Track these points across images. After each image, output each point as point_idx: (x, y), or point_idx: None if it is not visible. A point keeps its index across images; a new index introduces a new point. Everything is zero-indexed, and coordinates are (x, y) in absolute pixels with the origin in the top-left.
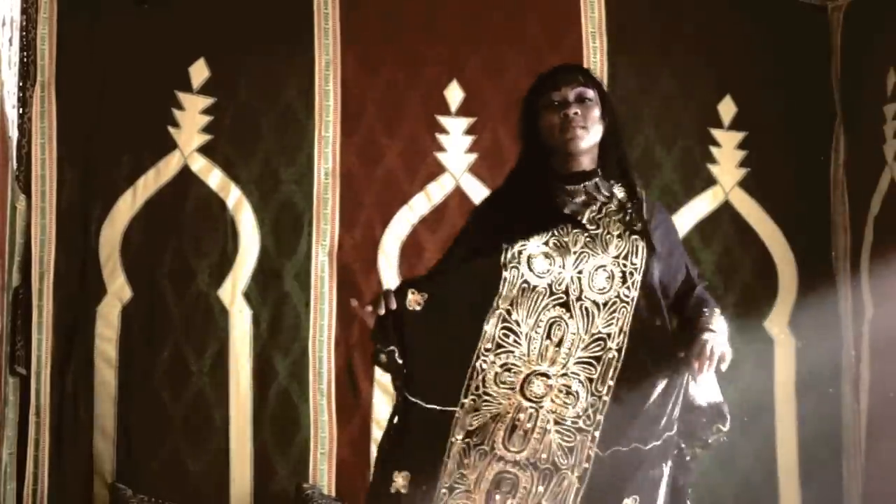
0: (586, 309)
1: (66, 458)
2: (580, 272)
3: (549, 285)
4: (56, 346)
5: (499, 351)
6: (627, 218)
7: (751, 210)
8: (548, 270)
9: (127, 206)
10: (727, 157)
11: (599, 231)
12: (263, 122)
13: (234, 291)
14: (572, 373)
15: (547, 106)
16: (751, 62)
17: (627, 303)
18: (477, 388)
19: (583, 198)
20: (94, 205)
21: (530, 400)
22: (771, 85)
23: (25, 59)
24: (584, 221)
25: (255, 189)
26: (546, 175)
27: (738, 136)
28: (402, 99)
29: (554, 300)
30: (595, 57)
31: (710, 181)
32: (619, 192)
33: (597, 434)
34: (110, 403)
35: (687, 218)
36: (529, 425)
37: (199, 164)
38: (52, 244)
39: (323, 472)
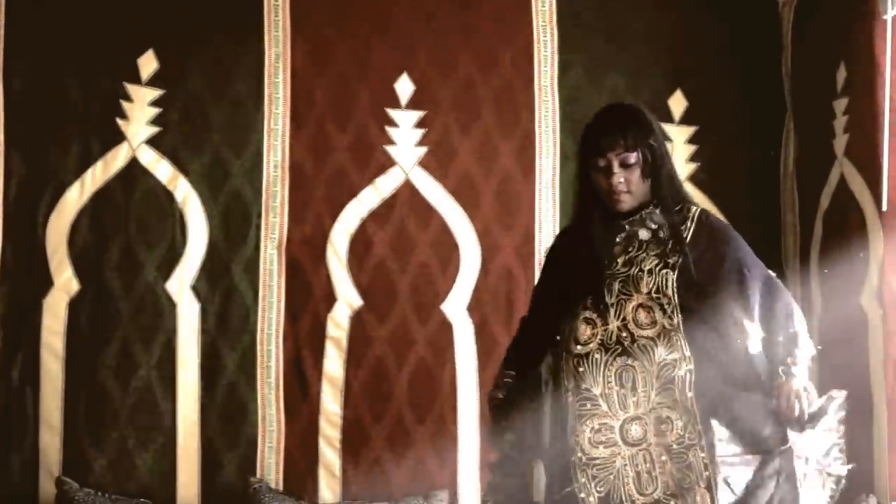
0: (644, 346)
1: (11, 452)
2: (624, 319)
3: (602, 343)
4: (3, 339)
5: (583, 420)
6: (664, 249)
7: (701, 204)
8: (593, 334)
9: (74, 199)
10: (677, 151)
11: (632, 271)
12: (212, 115)
13: (182, 284)
14: (658, 404)
15: (594, 168)
16: (702, 56)
17: (674, 329)
18: (580, 460)
19: (624, 234)
20: (42, 197)
21: (635, 445)
22: (722, 79)
23: None
24: (620, 264)
25: (204, 182)
26: (590, 232)
27: (689, 130)
28: (352, 92)
29: (612, 354)
30: (546, 51)
31: None
32: (667, 224)
33: (703, 443)
34: (57, 396)
35: None
36: (648, 465)
37: (148, 157)
38: None
39: (271, 465)
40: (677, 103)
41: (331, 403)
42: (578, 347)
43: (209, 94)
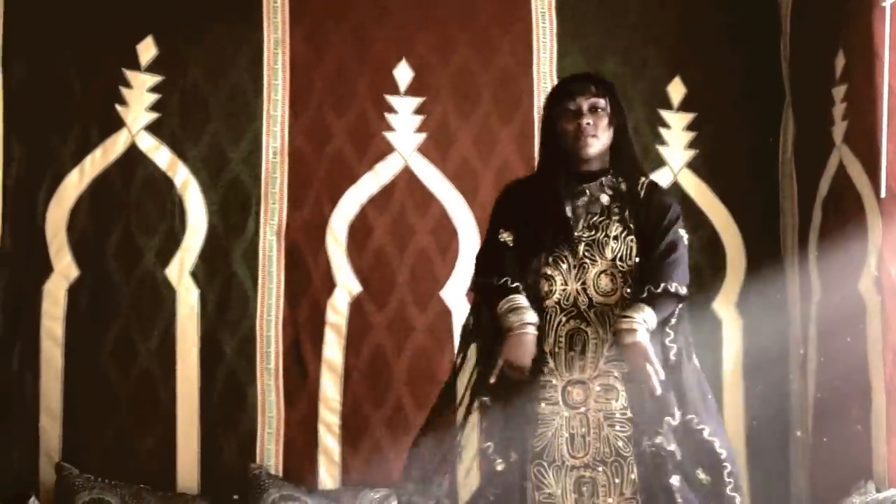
0: (600, 312)
1: (11, 437)
2: (584, 283)
3: (558, 302)
4: (2, 325)
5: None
6: (624, 216)
7: (699, 191)
8: (550, 290)
9: (74, 185)
10: (676, 138)
11: (598, 235)
12: (211, 101)
13: (181, 270)
14: (605, 371)
15: (563, 114)
16: (701, 43)
17: (630, 300)
18: (529, 412)
19: (585, 198)
20: (41, 183)
21: (574, 407)
22: (721, 66)
23: None
24: (583, 227)
25: (203, 168)
26: (555, 185)
27: (688, 117)
28: (351, 78)
29: (567, 315)
30: (544, 38)
31: (659, 162)
32: (623, 192)
33: (639, 420)
34: (56, 382)
35: None
36: (583, 429)
37: (147, 143)
38: None
39: (270, 451)
40: (676, 90)
41: (330, 390)
42: (536, 301)
43: (208, 80)
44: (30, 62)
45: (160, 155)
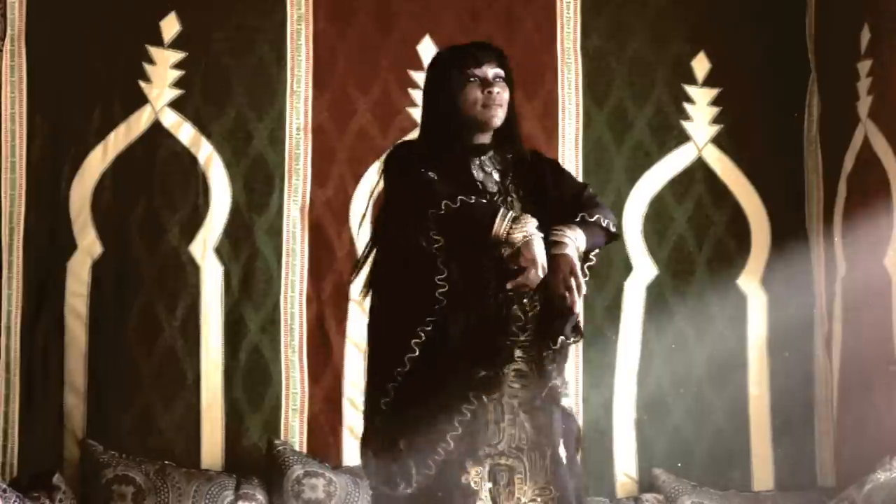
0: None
1: (36, 415)
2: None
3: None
4: (26, 302)
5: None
6: (521, 193)
7: (724, 167)
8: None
9: (98, 161)
10: (701, 113)
11: (513, 199)
12: (235, 77)
13: (205, 247)
14: (518, 357)
15: (468, 80)
16: (725, 18)
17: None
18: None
19: (482, 174)
20: (65, 160)
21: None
22: (745, 41)
23: None
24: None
25: (227, 144)
26: (466, 153)
27: (712, 92)
28: (375, 54)
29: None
30: (568, 13)
31: (684, 138)
32: (510, 167)
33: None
34: (81, 359)
35: (660, 175)
36: (496, 416)
37: (171, 120)
38: (22, 199)
39: (294, 428)
40: (700, 65)
41: (354, 366)
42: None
43: (232, 56)
44: (53, 39)
45: (184, 131)
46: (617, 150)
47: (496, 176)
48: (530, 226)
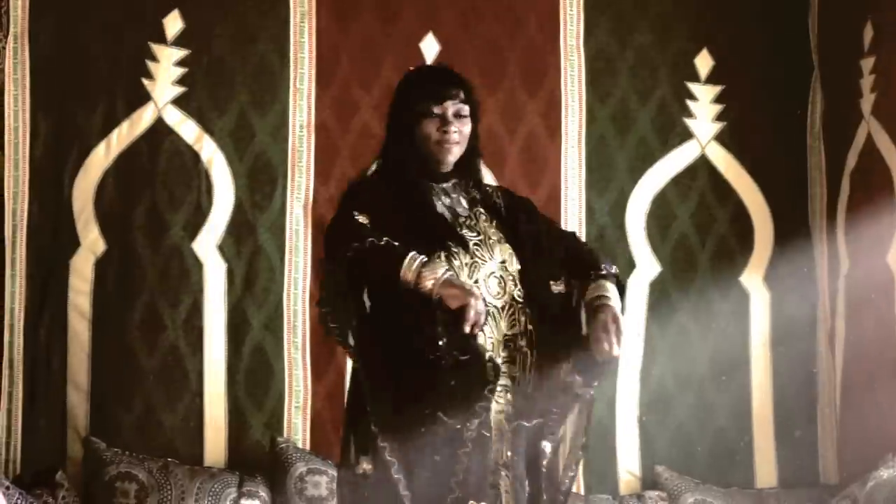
0: (492, 315)
1: (39, 412)
2: (476, 282)
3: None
4: (29, 299)
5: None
6: (495, 221)
7: (727, 164)
8: (500, 290)
9: (100, 159)
10: (704, 110)
11: (482, 237)
12: (238, 75)
13: (208, 244)
14: (503, 372)
15: (427, 115)
16: (728, 15)
17: (522, 303)
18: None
19: (448, 200)
20: (68, 157)
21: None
22: (749, 38)
23: None
24: (465, 229)
25: (230, 142)
26: (424, 183)
27: (715, 89)
28: (378, 51)
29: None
30: (571, 10)
31: (687, 135)
32: (477, 196)
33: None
34: (84, 356)
35: (663, 172)
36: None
37: (174, 117)
38: (26, 196)
39: (297, 425)
40: (703, 62)
41: None
42: (492, 299)
43: (234, 54)
44: (56, 36)
45: (187, 129)
46: (620, 147)
47: (464, 202)
48: (440, 270)
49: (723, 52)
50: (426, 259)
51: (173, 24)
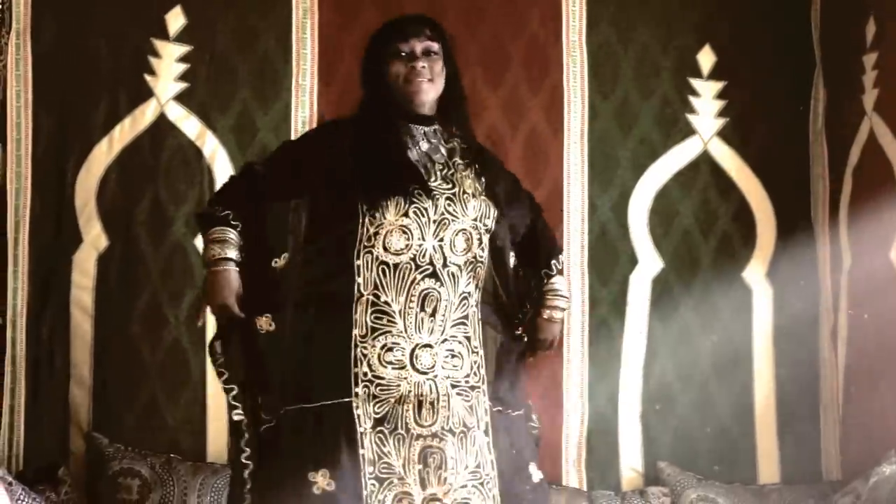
0: (452, 274)
1: (42, 408)
2: (441, 240)
3: (413, 259)
4: (32, 295)
5: (375, 334)
6: (474, 175)
7: (730, 160)
8: (406, 246)
9: (103, 154)
10: (706, 106)
11: (456, 190)
12: (240, 70)
13: None
14: (451, 336)
15: (394, 55)
16: (731, 11)
17: (483, 263)
18: (365, 375)
19: (426, 145)
20: (70, 152)
21: (423, 373)
22: (751, 34)
23: (0, 6)
24: (436, 178)
25: (232, 138)
26: (395, 124)
27: (718, 85)
28: None
29: (422, 273)
30: (574, 6)
31: (689, 131)
32: (459, 145)
33: (485, 388)
34: (87, 352)
35: (665, 167)
36: (433, 396)
37: (176, 113)
38: (28, 192)
39: None
40: (706, 58)
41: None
42: (389, 256)
43: (237, 50)
44: (58, 32)
45: (189, 125)
46: (622, 143)
47: (443, 150)
48: (224, 251)
49: (725, 48)
50: (223, 238)
51: (175, 19)
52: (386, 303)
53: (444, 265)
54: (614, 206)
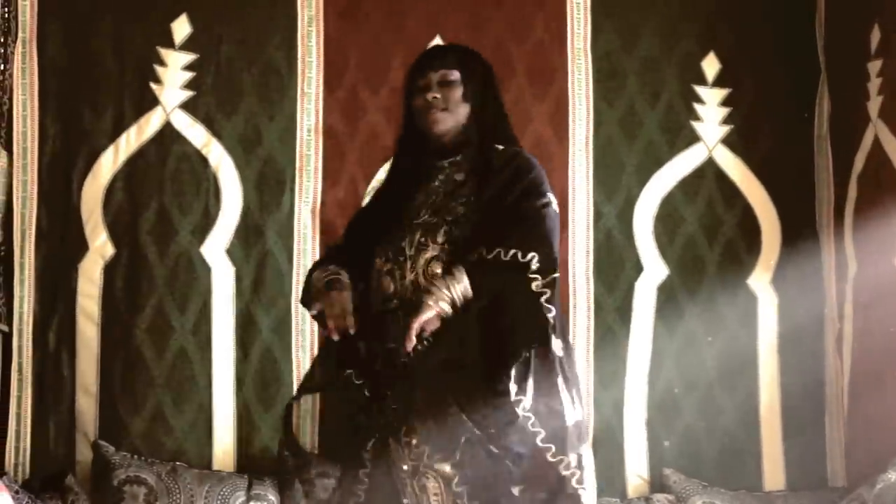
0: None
1: (48, 416)
2: (416, 273)
3: (401, 298)
4: (38, 303)
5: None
6: (471, 194)
7: (734, 167)
8: (395, 289)
9: (109, 163)
10: (711, 113)
11: (434, 219)
12: (246, 78)
13: (216, 248)
14: None
15: (417, 89)
16: (735, 18)
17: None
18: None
19: (443, 177)
20: (76, 161)
21: None
22: (756, 41)
23: (6, 15)
24: (429, 212)
25: (238, 146)
26: (409, 165)
27: (722, 92)
28: (385, 54)
29: (410, 308)
30: (578, 14)
31: (694, 138)
32: (480, 161)
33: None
34: (93, 361)
35: (670, 175)
36: None
37: (182, 121)
38: (34, 201)
39: (306, 429)
40: (710, 65)
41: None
42: (384, 303)
43: (242, 58)
44: (64, 40)
45: (195, 133)
46: (627, 150)
47: (459, 178)
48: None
49: (730, 55)
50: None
51: (181, 28)
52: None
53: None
54: (619, 213)
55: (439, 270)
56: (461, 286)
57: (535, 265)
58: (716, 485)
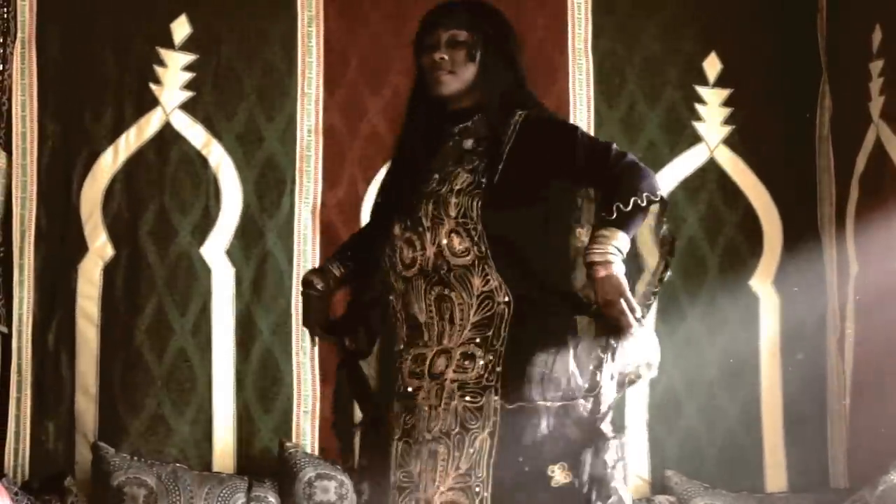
0: (460, 276)
1: (47, 417)
2: (439, 246)
3: (421, 269)
4: (38, 304)
5: (409, 348)
6: (478, 164)
7: (736, 167)
8: (414, 258)
9: (108, 164)
10: (712, 114)
11: (443, 189)
12: (246, 79)
13: (216, 249)
14: (468, 339)
15: (425, 48)
16: (736, 18)
17: (485, 258)
18: (399, 389)
19: (452, 142)
20: (76, 162)
21: (434, 379)
22: (757, 42)
23: (5, 15)
24: (436, 180)
25: (238, 146)
26: (418, 130)
27: (724, 93)
28: (386, 54)
29: (429, 282)
30: (579, 14)
31: (696, 138)
32: (494, 126)
33: (499, 387)
34: (92, 362)
35: (672, 175)
36: (436, 400)
37: (181, 122)
38: (34, 202)
39: (306, 430)
40: (712, 66)
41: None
42: (403, 270)
43: (242, 58)
44: (64, 41)
45: (195, 133)
46: (629, 150)
47: (468, 145)
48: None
49: (731, 56)
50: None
51: (181, 28)
52: (413, 315)
53: (449, 269)
54: None
55: (460, 244)
56: (625, 243)
57: (657, 198)
58: (717, 486)
